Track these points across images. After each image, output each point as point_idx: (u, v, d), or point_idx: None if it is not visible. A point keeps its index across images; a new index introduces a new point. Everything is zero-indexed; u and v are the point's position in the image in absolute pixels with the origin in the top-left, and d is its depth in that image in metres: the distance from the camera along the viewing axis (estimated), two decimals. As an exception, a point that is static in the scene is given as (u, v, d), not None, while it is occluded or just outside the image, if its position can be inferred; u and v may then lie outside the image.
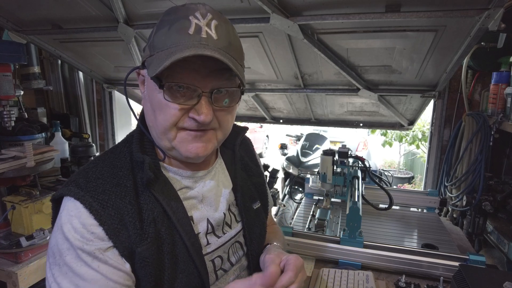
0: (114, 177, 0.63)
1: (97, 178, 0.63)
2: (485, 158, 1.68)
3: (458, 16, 1.16)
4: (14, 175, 1.47)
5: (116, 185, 0.62)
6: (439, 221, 1.68)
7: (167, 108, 0.62)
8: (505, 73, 1.63)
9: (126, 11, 1.62)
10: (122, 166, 0.66)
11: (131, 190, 0.63)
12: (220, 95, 0.64)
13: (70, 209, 0.59)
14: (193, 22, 0.59)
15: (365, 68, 1.72)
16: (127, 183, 0.64)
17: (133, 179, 0.65)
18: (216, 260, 0.72)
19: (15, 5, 1.71)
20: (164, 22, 0.62)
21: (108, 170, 0.65)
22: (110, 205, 0.60)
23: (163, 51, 0.60)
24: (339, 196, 1.69)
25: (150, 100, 0.65)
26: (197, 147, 0.65)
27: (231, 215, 0.78)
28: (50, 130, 2.19)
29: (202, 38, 0.59)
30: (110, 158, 0.68)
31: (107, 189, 0.61)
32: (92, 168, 0.65)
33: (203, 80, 0.62)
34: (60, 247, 0.58)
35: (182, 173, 0.71)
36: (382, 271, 1.25)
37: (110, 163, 0.66)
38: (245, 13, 1.42)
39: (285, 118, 2.53)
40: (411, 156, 6.41)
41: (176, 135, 0.65)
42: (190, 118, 0.63)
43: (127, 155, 0.68)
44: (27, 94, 2.42)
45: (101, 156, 0.69)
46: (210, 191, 0.75)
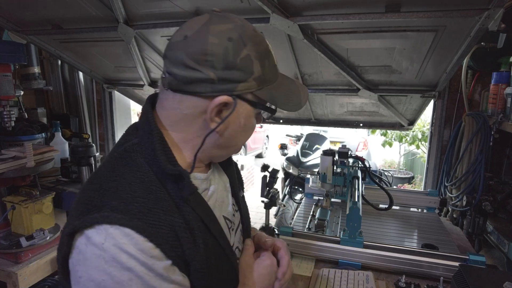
0: (151, 193, 0.58)
1: (134, 197, 0.56)
2: (485, 158, 1.68)
3: (458, 16, 1.16)
4: (14, 175, 1.47)
5: (157, 201, 0.58)
6: (439, 221, 1.68)
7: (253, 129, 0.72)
8: (505, 73, 1.63)
9: (126, 11, 1.62)
10: (150, 180, 0.60)
11: (172, 203, 0.60)
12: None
13: (119, 238, 0.52)
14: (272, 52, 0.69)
15: (365, 68, 1.72)
16: (165, 197, 0.59)
17: (166, 193, 0.60)
18: (237, 251, 0.77)
19: (15, 5, 1.71)
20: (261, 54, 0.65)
21: (139, 186, 0.58)
22: (162, 224, 0.56)
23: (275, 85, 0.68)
24: (339, 196, 1.69)
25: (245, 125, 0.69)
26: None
27: (233, 206, 0.82)
28: (50, 130, 2.18)
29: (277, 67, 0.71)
30: (131, 172, 0.60)
31: (151, 207, 0.56)
32: (117, 185, 0.58)
33: None
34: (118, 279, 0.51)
35: (200, 177, 0.71)
36: (382, 271, 1.25)
37: (136, 178, 0.59)
38: (245, 13, 1.42)
39: (285, 118, 2.53)
40: (411, 156, 6.41)
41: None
42: None
43: (146, 167, 0.61)
44: (27, 94, 2.42)
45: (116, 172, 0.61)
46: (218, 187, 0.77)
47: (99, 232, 0.52)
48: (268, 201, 1.78)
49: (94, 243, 0.52)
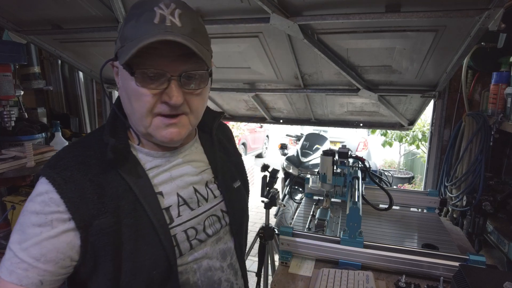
0: (80, 156, 0.69)
1: (65, 157, 0.69)
2: (485, 158, 1.68)
3: (458, 16, 1.16)
4: (14, 175, 1.47)
5: (79, 163, 0.68)
6: (439, 221, 1.68)
7: (141, 95, 0.67)
8: (505, 73, 1.63)
9: (126, 11, 1.61)
10: (90, 147, 0.72)
11: (95, 168, 0.68)
12: (189, 79, 0.69)
13: (40, 183, 0.66)
14: (157, 12, 0.64)
15: (365, 68, 1.72)
16: (91, 162, 0.69)
17: (99, 158, 0.69)
18: (190, 231, 0.77)
19: (15, 5, 1.71)
20: (132, 15, 0.66)
21: (75, 150, 0.71)
22: (71, 180, 0.65)
23: (132, 41, 0.64)
24: (339, 196, 1.69)
25: (125, 89, 0.70)
26: (171, 132, 0.71)
27: (208, 190, 0.84)
28: (50, 130, 2.19)
29: (167, 26, 0.64)
30: (82, 141, 0.75)
31: (71, 165, 0.67)
32: (65, 149, 0.72)
33: (171, 64, 0.66)
34: (24, 208, 0.65)
35: (153, 154, 0.77)
36: (382, 271, 1.25)
37: (80, 145, 0.73)
38: (245, 13, 1.42)
39: (285, 118, 2.53)
40: (411, 156, 6.41)
41: (152, 121, 0.70)
42: (163, 103, 0.68)
43: (97, 138, 0.73)
44: (27, 94, 2.42)
45: (76, 140, 0.77)
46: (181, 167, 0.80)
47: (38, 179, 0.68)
48: (268, 201, 1.79)
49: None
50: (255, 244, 2.13)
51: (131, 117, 0.72)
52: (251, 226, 4.54)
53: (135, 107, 0.69)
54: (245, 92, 2.17)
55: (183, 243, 0.75)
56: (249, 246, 2.21)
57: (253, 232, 2.07)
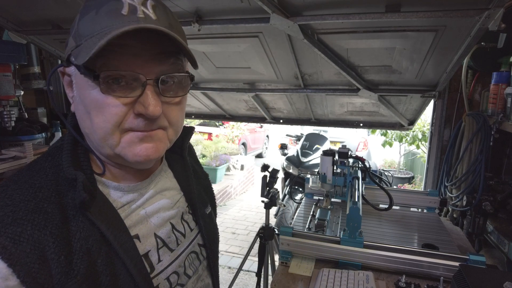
0: (30, 202, 0.50)
1: (5, 206, 0.49)
2: (485, 158, 1.68)
3: (458, 16, 1.16)
4: (14, 175, 1.47)
5: (32, 211, 0.49)
6: (439, 221, 1.68)
7: (106, 106, 0.51)
8: (505, 73, 1.63)
9: (126, 11, 1.62)
10: (41, 186, 0.52)
11: (55, 216, 0.50)
12: (167, 85, 0.55)
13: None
14: (125, 2, 0.50)
15: (365, 68, 1.72)
16: (48, 208, 0.50)
17: (58, 202, 0.52)
18: (172, 277, 0.65)
19: (15, 5, 1.71)
20: (90, 7, 0.52)
21: (21, 192, 0.51)
22: (24, 239, 0.46)
23: (92, 38, 0.49)
24: (339, 196, 1.69)
25: (83, 100, 0.54)
26: (146, 148, 0.55)
27: (184, 224, 0.71)
28: (50, 130, 2.19)
29: (139, 17, 0.50)
30: (26, 177, 0.54)
31: (20, 217, 0.48)
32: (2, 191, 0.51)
33: (146, 65, 0.52)
34: None
35: (123, 188, 0.61)
36: (382, 271, 1.25)
37: (24, 184, 0.52)
38: (245, 13, 1.42)
39: (285, 118, 2.53)
40: (411, 156, 6.42)
41: (120, 139, 0.54)
42: (136, 117, 0.53)
43: (48, 171, 0.55)
44: (27, 94, 2.42)
45: (13, 176, 0.55)
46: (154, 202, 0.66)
47: None
48: (268, 201, 1.79)
49: None
50: (255, 244, 2.13)
51: (92, 137, 0.55)
52: (251, 226, 4.54)
53: (97, 122, 0.52)
54: (245, 92, 2.17)
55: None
56: (249, 246, 2.21)
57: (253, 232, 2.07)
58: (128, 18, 0.49)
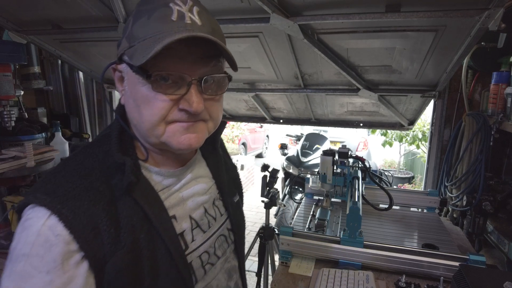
0: (85, 180, 0.58)
1: (66, 182, 0.57)
2: (485, 158, 1.68)
3: (458, 16, 1.16)
4: (14, 175, 1.47)
5: (87, 189, 0.57)
6: (439, 221, 1.68)
7: (154, 101, 0.59)
8: (505, 73, 1.63)
9: (126, 11, 1.61)
10: (94, 168, 0.60)
11: (105, 195, 0.58)
12: (208, 84, 0.62)
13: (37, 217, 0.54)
14: (174, 9, 0.56)
15: (365, 68, 1.72)
16: (100, 187, 0.58)
17: (107, 183, 0.60)
18: (203, 256, 0.72)
19: (15, 5, 1.71)
20: (142, 12, 0.58)
21: (77, 172, 0.59)
22: (82, 212, 0.55)
23: (145, 40, 0.56)
24: (339, 196, 1.69)
25: (133, 95, 0.61)
26: (189, 138, 0.63)
27: (215, 209, 0.78)
28: (50, 130, 2.19)
29: (187, 24, 0.56)
30: (80, 160, 0.62)
31: (78, 193, 0.56)
32: (59, 171, 0.60)
33: (191, 67, 0.59)
34: (18, 252, 0.53)
35: (164, 173, 0.69)
36: (382, 271, 1.26)
37: (79, 165, 0.61)
38: (245, 13, 1.42)
39: (285, 118, 2.53)
40: (411, 156, 6.42)
41: (165, 129, 0.61)
42: (180, 110, 0.60)
43: (99, 156, 0.63)
44: (27, 94, 2.42)
45: (69, 158, 0.64)
46: (191, 186, 0.74)
47: (26, 210, 0.56)
48: (268, 201, 1.79)
49: (22, 217, 0.56)
50: (255, 244, 2.13)
51: (139, 127, 0.63)
52: (251, 226, 4.54)
53: (145, 115, 0.60)
54: (245, 92, 2.17)
55: (198, 270, 0.70)
56: (249, 246, 2.21)
57: (253, 232, 2.07)
58: (177, 24, 0.56)
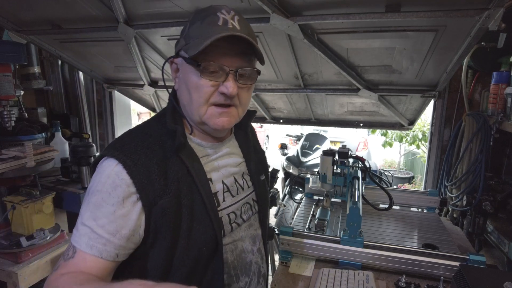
0: (144, 141, 0.77)
1: (130, 142, 0.76)
2: (485, 158, 1.68)
3: (458, 16, 1.16)
4: (14, 175, 1.47)
5: (146, 147, 0.75)
6: (439, 221, 1.68)
7: (201, 86, 0.76)
8: (505, 73, 1.63)
9: (126, 11, 1.62)
10: (152, 134, 0.80)
11: (159, 153, 0.76)
12: (242, 75, 0.79)
13: (108, 164, 0.73)
14: (220, 16, 0.75)
15: (365, 68, 1.72)
16: (155, 147, 0.77)
17: (161, 145, 0.78)
18: (231, 215, 0.87)
19: (15, 5, 1.71)
20: (196, 18, 0.77)
21: (140, 136, 0.79)
22: (140, 163, 0.72)
23: (198, 39, 0.74)
24: (339, 196, 1.69)
25: (186, 82, 0.79)
26: (223, 121, 0.80)
27: (244, 181, 0.94)
28: (50, 130, 2.19)
29: (229, 28, 0.74)
30: (142, 128, 0.83)
31: (138, 150, 0.74)
32: (127, 135, 0.81)
33: (230, 60, 0.76)
34: (94, 188, 0.72)
35: (204, 144, 0.86)
36: (382, 271, 1.25)
37: (142, 131, 0.81)
38: (245, 13, 1.41)
39: (285, 118, 2.53)
40: (411, 156, 6.41)
41: (207, 110, 0.79)
42: (219, 93, 0.77)
43: (156, 126, 0.82)
44: (27, 94, 2.42)
45: (134, 127, 0.85)
46: (225, 159, 0.91)
47: (102, 160, 0.75)
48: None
49: (98, 165, 0.76)
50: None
51: (188, 107, 0.81)
52: (251, 226, 4.53)
53: (194, 97, 0.78)
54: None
55: (226, 225, 0.85)
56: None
57: (253, 232, 2.07)
58: (222, 27, 0.74)
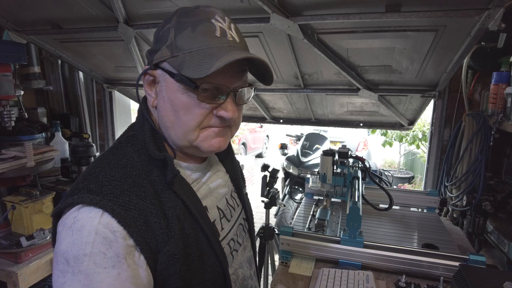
0: (128, 177, 0.61)
1: (110, 181, 0.60)
2: (485, 158, 1.68)
3: (458, 16, 1.16)
4: (14, 175, 1.47)
5: (133, 185, 0.61)
6: (439, 221, 1.68)
7: (195, 108, 0.65)
8: (505, 73, 1.63)
9: (126, 11, 1.62)
10: (132, 166, 0.64)
11: (149, 189, 0.62)
12: (240, 95, 0.70)
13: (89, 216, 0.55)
14: (217, 25, 0.64)
15: (365, 68, 1.72)
16: (143, 183, 0.62)
17: (147, 179, 0.63)
18: (231, 243, 0.78)
19: (15, 5, 1.71)
20: (184, 24, 0.64)
21: (118, 171, 0.62)
22: (132, 207, 0.58)
23: (192, 52, 0.62)
24: (339, 196, 1.69)
25: (172, 101, 0.66)
26: (219, 141, 0.70)
27: (233, 200, 0.85)
28: (50, 130, 2.19)
29: (229, 40, 0.64)
30: (116, 159, 0.65)
31: (125, 190, 0.59)
32: (99, 171, 0.62)
33: (229, 80, 0.66)
34: (76, 253, 0.53)
35: (191, 167, 0.75)
36: (382, 271, 1.26)
37: (117, 164, 0.64)
38: (245, 13, 1.42)
39: (285, 118, 2.53)
40: (411, 156, 6.42)
41: (198, 135, 0.67)
42: (215, 117, 0.67)
43: (133, 155, 0.66)
44: (27, 94, 2.42)
45: (103, 159, 0.66)
46: (214, 179, 0.80)
47: (73, 211, 0.57)
48: (268, 201, 1.79)
49: (67, 219, 0.57)
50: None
51: (173, 130, 0.68)
52: (251, 226, 4.53)
53: (184, 120, 0.65)
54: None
55: (228, 256, 0.75)
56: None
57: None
58: (221, 40, 0.63)
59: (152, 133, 0.70)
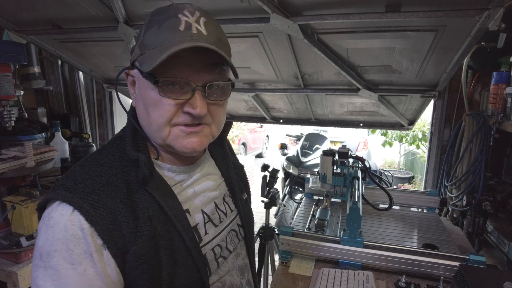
0: (103, 176, 0.62)
1: (85, 179, 0.61)
2: (485, 158, 1.68)
3: (458, 16, 1.16)
4: (14, 175, 1.47)
5: (105, 184, 0.61)
6: (439, 221, 1.68)
7: (161, 104, 0.63)
8: (505, 73, 1.63)
9: (126, 11, 1.61)
10: (110, 165, 0.65)
11: (122, 189, 0.62)
12: (212, 90, 0.66)
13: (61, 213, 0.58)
14: (182, 19, 0.61)
15: (365, 68, 1.72)
16: (117, 182, 0.63)
17: (123, 178, 0.64)
18: (216, 249, 0.75)
19: (15, 5, 1.71)
20: (153, 22, 0.64)
21: (95, 170, 0.64)
22: (101, 205, 0.59)
23: (154, 48, 0.61)
24: (339, 196, 1.69)
25: (143, 99, 0.66)
26: (192, 142, 0.67)
27: (225, 205, 0.82)
28: (50, 130, 2.19)
29: (193, 33, 0.61)
30: (97, 159, 0.67)
31: (97, 188, 0.60)
32: (79, 170, 0.64)
33: (196, 74, 0.63)
34: (48, 248, 0.56)
35: (175, 169, 0.73)
36: (382, 271, 1.26)
37: (97, 163, 0.65)
38: (245, 13, 1.42)
39: (285, 118, 2.53)
40: (411, 156, 6.41)
41: (170, 132, 0.66)
42: (185, 113, 0.65)
43: (115, 154, 0.67)
44: (27, 94, 2.42)
45: (87, 158, 0.68)
46: (201, 182, 0.78)
47: (49, 207, 0.60)
48: (268, 201, 1.79)
49: (44, 215, 0.60)
50: (255, 244, 2.13)
51: (148, 128, 0.68)
52: (251, 226, 4.53)
53: (153, 117, 0.65)
54: (245, 92, 2.17)
55: (212, 262, 0.72)
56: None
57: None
58: (184, 33, 0.61)
59: (133, 133, 0.70)
